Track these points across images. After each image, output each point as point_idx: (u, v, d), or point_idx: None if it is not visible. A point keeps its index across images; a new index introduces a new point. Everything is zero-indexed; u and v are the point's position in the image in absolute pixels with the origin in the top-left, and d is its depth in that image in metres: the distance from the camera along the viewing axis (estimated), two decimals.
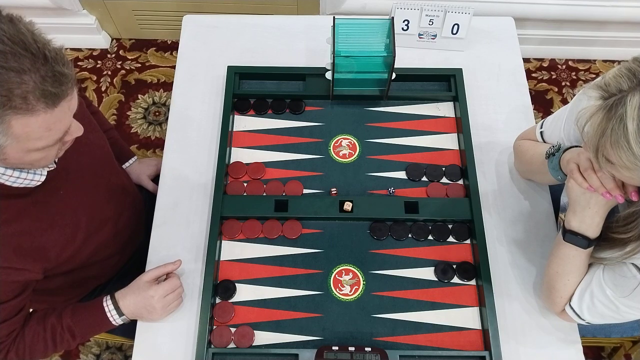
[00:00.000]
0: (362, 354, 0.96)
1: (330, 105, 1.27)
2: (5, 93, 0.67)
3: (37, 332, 0.97)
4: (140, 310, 1.01)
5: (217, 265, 1.08)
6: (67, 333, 0.99)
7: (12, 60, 0.67)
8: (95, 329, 1.03)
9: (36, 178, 0.86)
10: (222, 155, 1.17)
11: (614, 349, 1.66)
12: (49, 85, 0.69)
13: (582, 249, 0.91)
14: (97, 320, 1.01)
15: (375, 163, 1.19)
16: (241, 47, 1.37)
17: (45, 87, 0.69)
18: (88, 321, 1.01)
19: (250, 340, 1.01)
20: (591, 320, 0.95)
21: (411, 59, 1.32)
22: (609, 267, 0.90)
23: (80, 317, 1.00)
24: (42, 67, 0.69)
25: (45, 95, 0.69)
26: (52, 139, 0.76)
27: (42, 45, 0.70)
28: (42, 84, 0.69)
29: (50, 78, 0.69)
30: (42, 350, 0.98)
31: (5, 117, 0.68)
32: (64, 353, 1.70)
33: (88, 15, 2.12)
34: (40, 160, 0.80)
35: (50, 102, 0.71)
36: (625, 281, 0.86)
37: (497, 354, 0.98)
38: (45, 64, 0.69)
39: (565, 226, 0.93)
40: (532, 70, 2.21)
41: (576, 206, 0.90)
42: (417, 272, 1.08)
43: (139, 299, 1.01)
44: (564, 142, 0.99)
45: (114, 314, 1.01)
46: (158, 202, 1.17)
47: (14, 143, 0.72)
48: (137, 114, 2.13)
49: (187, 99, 1.30)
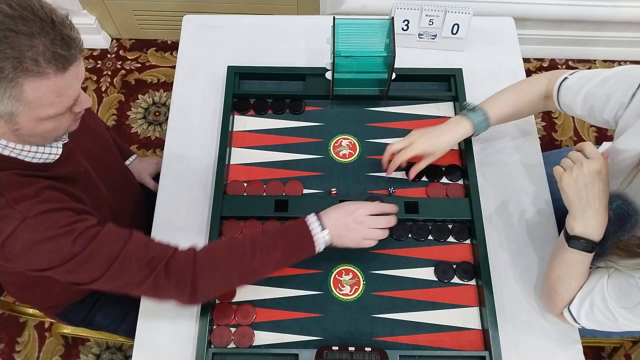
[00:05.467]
0: (362, 354, 0.96)
1: (330, 105, 1.27)
2: (18, 55, 0.68)
3: (231, 242, 0.92)
4: (344, 223, 0.94)
5: None
6: (270, 240, 0.92)
7: (21, 24, 0.68)
8: (298, 243, 0.94)
9: (53, 151, 0.86)
10: (222, 155, 1.17)
11: (614, 349, 1.66)
12: (59, 48, 0.71)
13: (587, 253, 0.90)
14: (299, 233, 0.93)
15: (375, 163, 1.19)
16: (241, 47, 1.37)
17: (55, 50, 0.71)
18: (291, 232, 0.94)
19: (250, 340, 1.01)
20: (587, 325, 0.95)
21: (411, 59, 1.32)
22: (615, 276, 0.88)
23: (282, 228, 0.95)
24: (51, 31, 0.70)
25: (56, 57, 0.71)
26: (63, 105, 0.77)
27: (49, 11, 0.71)
28: (52, 47, 0.70)
29: (60, 41, 0.71)
30: (236, 259, 0.91)
31: (18, 80, 0.69)
32: (64, 353, 1.71)
33: (88, 15, 2.12)
34: (52, 130, 0.81)
35: (61, 65, 0.72)
36: (631, 291, 0.85)
37: (497, 354, 0.98)
38: (54, 28, 0.71)
39: (568, 232, 0.91)
40: (532, 70, 2.22)
41: (576, 210, 0.89)
42: (417, 272, 1.08)
43: (342, 212, 0.95)
44: (576, 109, 1.03)
45: (316, 226, 0.93)
46: (158, 202, 1.17)
47: (26, 110, 0.73)
48: (137, 114, 2.13)
49: (187, 99, 1.30)
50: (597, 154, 0.89)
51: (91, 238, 0.83)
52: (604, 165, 0.88)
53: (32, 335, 1.74)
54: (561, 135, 2.11)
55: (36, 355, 1.71)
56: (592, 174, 0.87)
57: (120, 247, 0.85)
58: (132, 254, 0.85)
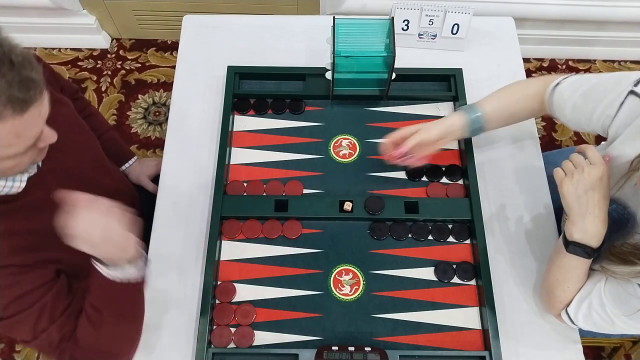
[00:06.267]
0: (362, 354, 0.96)
1: (330, 105, 1.27)
2: None
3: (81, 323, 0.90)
4: (103, 242, 0.83)
5: (217, 265, 1.08)
6: (91, 309, 0.89)
7: None
8: (103, 292, 0.88)
9: (15, 185, 0.84)
10: (222, 155, 1.17)
11: (614, 349, 1.66)
12: (16, 90, 0.67)
13: (585, 259, 0.89)
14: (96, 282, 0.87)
15: (375, 163, 1.19)
16: (241, 47, 1.37)
17: (12, 93, 0.67)
18: (96, 294, 0.89)
19: (250, 340, 1.01)
20: (584, 327, 0.95)
21: (411, 59, 1.32)
22: (612, 281, 0.88)
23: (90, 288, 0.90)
24: (8, 72, 0.67)
25: (12, 100, 0.67)
26: (23, 146, 0.74)
27: (8, 50, 0.68)
28: (8, 90, 0.67)
29: (17, 83, 0.68)
30: (94, 338, 0.89)
31: None
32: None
33: (88, 15, 2.12)
34: (13, 167, 0.78)
35: (18, 108, 0.68)
36: (629, 299, 0.85)
37: (497, 354, 0.98)
38: (12, 68, 0.67)
39: (567, 238, 0.90)
40: (532, 70, 2.21)
41: (575, 216, 0.88)
42: (417, 272, 1.08)
43: (98, 237, 0.84)
44: (567, 117, 1.01)
45: (100, 268, 0.85)
46: (158, 202, 1.17)
47: None
48: (137, 114, 2.13)
49: (187, 99, 1.30)
50: (599, 158, 0.87)
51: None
52: (605, 172, 0.86)
53: None
54: (561, 135, 2.11)
55: (36, 355, 1.71)
56: (593, 180, 0.85)
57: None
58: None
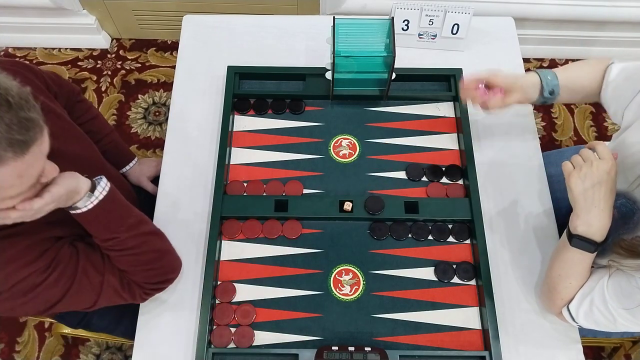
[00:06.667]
0: (362, 354, 0.96)
1: (330, 105, 1.27)
2: None
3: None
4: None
5: (217, 265, 1.08)
6: (105, 242, 0.91)
7: None
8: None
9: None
10: (222, 155, 1.17)
11: (614, 349, 1.66)
12: (16, 133, 0.66)
13: (588, 253, 0.90)
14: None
15: (375, 163, 1.19)
16: (241, 47, 1.37)
17: (11, 136, 0.66)
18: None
19: (250, 340, 1.01)
20: (585, 325, 0.95)
21: (411, 59, 1.32)
22: (616, 276, 0.88)
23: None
24: (6, 115, 0.65)
25: (13, 143, 0.66)
26: (25, 185, 0.73)
27: (5, 91, 0.66)
28: (7, 133, 0.65)
29: (16, 125, 0.66)
30: (133, 260, 0.93)
31: None
32: (63, 353, 1.70)
33: (88, 15, 2.12)
34: (14, 201, 0.77)
35: (19, 150, 0.67)
36: (632, 292, 0.85)
37: (497, 354, 0.98)
38: (9, 110, 0.66)
39: (571, 231, 0.91)
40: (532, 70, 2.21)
41: (580, 209, 0.88)
42: (417, 272, 1.08)
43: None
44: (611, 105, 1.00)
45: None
46: (158, 202, 1.17)
47: None
48: (137, 114, 2.13)
49: (187, 99, 1.30)
50: (608, 154, 0.88)
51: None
52: (613, 167, 0.87)
53: (32, 335, 1.74)
54: (561, 135, 2.11)
55: (36, 355, 1.71)
56: (601, 174, 0.86)
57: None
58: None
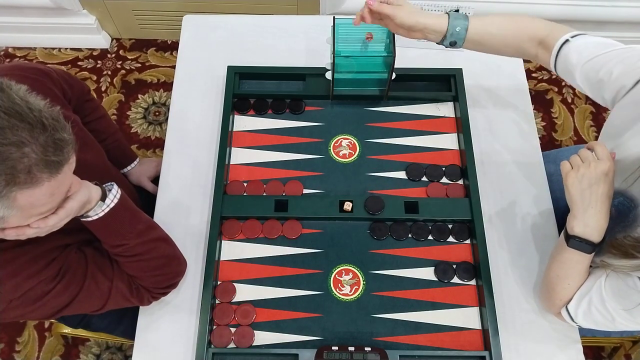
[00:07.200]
0: (362, 354, 0.96)
1: (330, 105, 1.27)
2: (9, 171, 0.64)
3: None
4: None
5: (217, 265, 1.08)
6: (114, 249, 0.93)
7: (10, 134, 0.64)
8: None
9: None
10: (222, 155, 1.17)
11: (614, 349, 1.66)
12: (51, 154, 0.68)
13: (585, 254, 0.90)
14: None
15: (375, 163, 1.19)
16: (241, 47, 1.37)
17: (47, 157, 0.67)
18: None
19: (250, 340, 1.01)
20: (584, 324, 0.95)
21: (411, 59, 1.32)
22: (613, 276, 0.88)
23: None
24: (41, 136, 0.66)
25: (49, 164, 0.68)
26: (56, 202, 0.75)
27: (39, 113, 0.67)
28: (44, 154, 0.67)
29: (52, 147, 0.68)
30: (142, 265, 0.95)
31: (11, 194, 0.66)
32: (63, 353, 1.70)
33: (88, 15, 2.12)
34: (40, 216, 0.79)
35: (54, 170, 0.69)
36: (629, 293, 0.85)
37: (497, 354, 0.98)
38: (44, 132, 0.67)
39: (568, 232, 0.91)
40: (532, 70, 2.22)
41: (577, 210, 0.88)
42: (417, 272, 1.08)
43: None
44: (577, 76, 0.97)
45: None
46: (158, 202, 1.17)
47: (18, 213, 0.70)
48: (137, 114, 2.13)
49: (187, 99, 1.30)
50: (606, 155, 0.88)
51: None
52: (611, 168, 0.87)
53: (32, 335, 1.74)
54: (561, 135, 2.11)
55: (36, 355, 1.71)
56: (599, 175, 0.86)
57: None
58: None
